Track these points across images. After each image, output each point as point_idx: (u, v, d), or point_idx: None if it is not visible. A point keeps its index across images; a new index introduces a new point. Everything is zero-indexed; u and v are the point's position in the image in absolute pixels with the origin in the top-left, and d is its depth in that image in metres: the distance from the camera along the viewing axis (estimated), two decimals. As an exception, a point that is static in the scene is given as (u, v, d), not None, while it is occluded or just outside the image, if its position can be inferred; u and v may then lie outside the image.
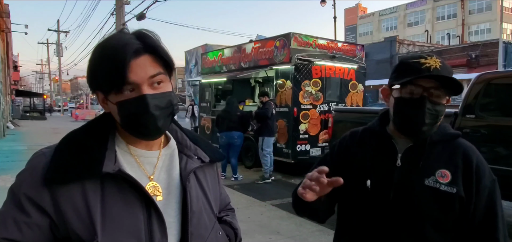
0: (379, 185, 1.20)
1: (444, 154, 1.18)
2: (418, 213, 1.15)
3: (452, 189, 1.13)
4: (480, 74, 4.76)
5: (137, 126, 0.83)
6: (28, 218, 0.80)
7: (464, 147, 1.19)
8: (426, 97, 1.12)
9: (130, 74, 0.80)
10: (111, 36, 0.86)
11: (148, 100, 0.81)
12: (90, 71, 0.85)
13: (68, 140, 0.86)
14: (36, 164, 0.83)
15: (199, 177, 0.98)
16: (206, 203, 0.97)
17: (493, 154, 4.32)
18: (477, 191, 1.14)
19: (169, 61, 0.87)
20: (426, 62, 1.12)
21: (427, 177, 1.15)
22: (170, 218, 0.89)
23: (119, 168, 0.83)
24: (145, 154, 0.91)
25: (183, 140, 1.00)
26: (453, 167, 1.15)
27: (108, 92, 0.83)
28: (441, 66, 1.12)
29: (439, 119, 1.15)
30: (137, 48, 0.82)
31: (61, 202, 0.80)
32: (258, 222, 4.74)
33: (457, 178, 1.14)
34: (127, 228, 0.81)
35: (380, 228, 1.19)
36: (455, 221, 1.15)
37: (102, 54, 0.83)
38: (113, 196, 0.82)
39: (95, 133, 0.87)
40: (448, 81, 1.11)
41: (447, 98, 1.17)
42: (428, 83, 1.12)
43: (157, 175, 0.91)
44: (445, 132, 1.22)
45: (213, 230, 0.97)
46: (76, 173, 0.80)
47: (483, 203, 1.14)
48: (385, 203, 1.18)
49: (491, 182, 1.17)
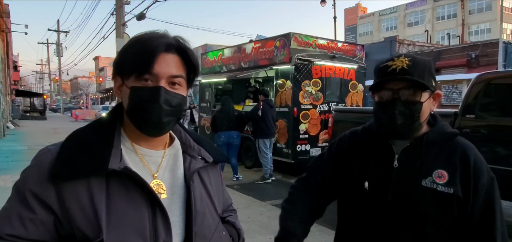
0: (377, 186, 1.20)
1: (442, 154, 1.17)
2: (416, 214, 1.14)
3: (449, 190, 1.12)
4: (480, 74, 4.76)
5: (142, 113, 0.85)
6: (33, 214, 0.80)
7: (462, 146, 1.18)
8: (396, 99, 1.13)
9: (156, 65, 0.84)
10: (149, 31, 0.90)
11: (162, 92, 0.84)
12: (120, 55, 0.89)
13: (75, 136, 0.87)
14: (42, 160, 0.84)
15: (203, 177, 0.99)
16: (210, 203, 0.98)
17: (493, 154, 4.32)
18: (475, 190, 1.13)
19: (196, 67, 0.91)
20: (393, 65, 1.13)
21: (424, 178, 1.15)
22: (174, 218, 0.89)
23: (125, 165, 0.84)
24: (150, 153, 0.92)
25: (187, 140, 1.01)
26: (450, 167, 1.14)
27: (128, 75, 0.86)
28: (409, 65, 1.12)
29: (417, 117, 1.14)
30: (171, 43, 0.86)
31: (66, 198, 0.80)
32: (258, 222, 4.74)
33: (455, 178, 1.13)
34: (132, 225, 0.82)
35: (379, 229, 1.18)
36: (453, 221, 1.14)
37: (136, 41, 0.87)
38: (118, 194, 0.83)
39: (102, 131, 0.88)
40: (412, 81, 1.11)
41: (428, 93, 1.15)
42: (397, 85, 1.13)
43: (161, 174, 0.92)
44: (443, 131, 1.21)
45: (216, 230, 0.98)
46: (82, 170, 0.81)
47: (481, 202, 1.14)
48: (383, 204, 1.18)
49: (489, 180, 1.16)
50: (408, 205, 1.15)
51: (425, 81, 1.12)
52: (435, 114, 1.25)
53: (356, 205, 1.25)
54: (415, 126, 1.16)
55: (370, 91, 1.22)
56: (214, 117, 7.44)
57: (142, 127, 0.88)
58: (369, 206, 1.21)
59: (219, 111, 7.39)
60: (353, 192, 1.25)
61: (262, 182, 7.20)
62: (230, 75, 9.57)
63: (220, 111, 7.33)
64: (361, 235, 1.24)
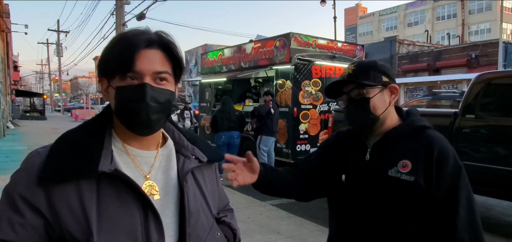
0: (352, 178, 1.32)
1: (409, 146, 1.25)
2: (385, 202, 1.24)
3: (410, 178, 1.20)
4: (480, 74, 4.76)
5: (130, 114, 0.83)
6: (22, 219, 0.79)
7: (429, 138, 1.25)
8: (349, 100, 1.30)
9: (138, 62, 0.82)
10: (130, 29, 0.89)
11: (147, 89, 0.82)
12: (102, 56, 0.87)
13: (64, 139, 0.86)
14: (31, 163, 0.82)
15: (197, 177, 0.98)
16: (204, 203, 0.97)
17: (493, 154, 4.32)
18: (438, 178, 1.19)
19: (179, 61, 0.89)
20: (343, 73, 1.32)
21: (390, 168, 1.24)
22: (168, 219, 0.88)
23: (115, 167, 0.83)
24: (142, 154, 0.90)
25: (180, 140, 0.99)
26: (414, 157, 1.22)
27: (113, 76, 0.84)
28: (353, 69, 1.29)
29: (371, 110, 1.27)
30: (152, 39, 0.84)
31: (56, 202, 0.79)
32: (258, 222, 4.74)
33: (417, 167, 1.20)
34: (123, 228, 0.80)
35: (357, 215, 1.29)
36: (418, 207, 1.21)
37: (117, 40, 0.85)
38: (109, 196, 0.81)
39: (92, 132, 0.87)
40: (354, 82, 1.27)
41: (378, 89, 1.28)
42: (347, 88, 1.30)
43: (154, 174, 0.90)
44: (412, 125, 1.29)
45: (211, 231, 0.96)
46: (72, 172, 0.79)
47: (444, 190, 1.19)
48: (358, 195, 1.29)
49: (455, 169, 1.20)
50: (378, 194, 1.25)
51: (370, 79, 1.27)
52: (410, 110, 1.37)
53: (337, 197, 1.38)
54: (371, 119, 1.27)
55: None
56: (214, 117, 7.41)
57: (132, 127, 0.86)
58: (347, 197, 1.33)
59: (219, 111, 7.36)
60: (334, 185, 1.38)
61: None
62: (230, 75, 9.56)
63: (221, 111, 7.31)
64: (344, 223, 1.35)
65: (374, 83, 1.27)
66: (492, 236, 4.50)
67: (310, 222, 4.64)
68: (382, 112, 1.28)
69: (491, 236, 4.48)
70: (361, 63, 1.33)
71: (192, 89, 21.55)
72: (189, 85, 23.13)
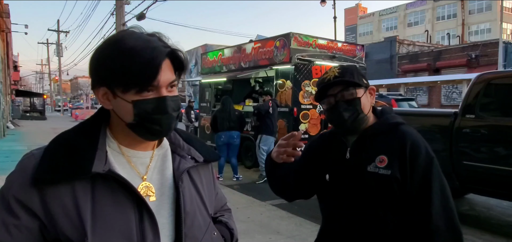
0: (335, 177, 1.40)
1: (385, 142, 1.33)
2: (365, 196, 1.31)
3: (387, 172, 1.27)
4: (480, 74, 4.76)
5: (152, 125, 0.84)
6: (17, 221, 0.79)
7: (403, 133, 1.33)
8: (338, 101, 1.34)
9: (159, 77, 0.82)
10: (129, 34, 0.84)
11: (168, 102, 0.84)
12: (101, 64, 0.83)
13: (58, 140, 0.86)
14: (26, 165, 0.82)
15: (193, 177, 0.98)
16: (201, 203, 0.97)
17: (493, 154, 4.32)
18: (412, 170, 1.27)
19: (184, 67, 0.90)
20: (327, 76, 1.37)
21: (369, 164, 1.31)
22: (163, 219, 0.88)
23: (109, 168, 0.83)
24: (137, 155, 0.90)
25: (176, 140, 0.99)
26: (390, 152, 1.30)
27: (125, 89, 0.81)
28: (339, 72, 1.35)
29: (360, 110, 1.34)
30: (166, 51, 0.84)
31: (51, 203, 0.79)
32: (258, 222, 4.74)
33: (393, 161, 1.28)
34: (118, 229, 0.80)
35: (342, 211, 1.37)
36: (397, 200, 1.28)
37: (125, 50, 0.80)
38: (104, 197, 0.81)
39: (86, 134, 0.86)
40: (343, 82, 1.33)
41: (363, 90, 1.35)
42: (336, 90, 1.35)
43: (150, 175, 0.90)
44: (387, 122, 1.38)
45: (207, 231, 0.96)
46: (65, 173, 0.79)
47: (418, 180, 1.26)
48: (341, 192, 1.37)
49: (427, 161, 1.28)
50: (359, 189, 1.32)
51: (355, 79, 1.34)
52: (383, 109, 1.45)
53: (323, 195, 1.46)
54: (360, 118, 1.35)
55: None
56: (214, 117, 7.40)
57: (150, 137, 0.88)
58: (331, 195, 1.41)
59: (219, 111, 7.36)
60: (319, 184, 1.45)
61: (262, 182, 7.20)
62: (230, 75, 9.56)
63: (221, 111, 7.31)
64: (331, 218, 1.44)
65: (361, 84, 1.35)
66: (492, 236, 4.50)
67: (310, 222, 4.64)
68: (368, 112, 1.38)
69: (492, 236, 4.49)
70: (345, 67, 1.39)
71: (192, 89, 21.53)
72: (189, 85, 23.11)
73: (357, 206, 1.32)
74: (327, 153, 1.45)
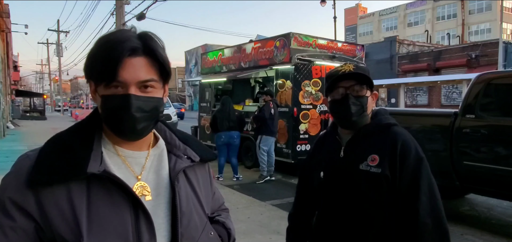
0: (329, 174, 1.45)
1: (378, 142, 1.38)
2: (357, 194, 1.37)
3: (378, 170, 1.33)
4: (480, 74, 4.76)
5: (116, 123, 0.83)
6: (13, 222, 0.78)
7: (394, 133, 1.39)
8: (348, 94, 1.37)
9: (122, 72, 0.80)
10: (116, 31, 0.87)
11: (132, 100, 0.81)
12: (88, 59, 0.85)
13: (53, 141, 0.85)
14: (21, 166, 0.82)
15: (190, 177, 0.97)
16: (197, 203, 0.96)
17: (493, 154, 4.32)
18: (401, 169, 1.32)
19: (166, 68, 0.87)
20: (342, 69, 1.39)
21: (361, 163, 1.37)
22: (160, 219, 0.88)
23: (104, 169, 0.82)
24: (133, 155, 0.90)
25: (172, 140, 0.99)
26: (381, 151, 1.35)
27: (98, 83, 0.83)
28: (355, 68, 1.38)
29: (365, 108, 1.39)
30: (135, 47, 0.82)
31: (46, 204, 0.78)
32: (258, 222, 4.74)
33: (384, 160, 1.34)
34: (114, 229, 0.80)
35: (334, 208, 1.44)
36: (386, 197, 1.34)
37: (102, 44, 0.83)
38: (99, 198, 0.81)
39: (81, 134, 0.86)
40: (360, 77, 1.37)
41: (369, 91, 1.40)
42: (347, 83, 1.38)
43: (146, 175, 0.90)
44: (379, 123, 1.43)
45: (204, 231, 0.96)
46: (60, 174, 0.79)
47: (407, 179, 1.32)
48: (334, 189, 1.43)
49: (416, 160, 1.33)
50: (351, 187, 1.38)
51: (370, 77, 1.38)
52: (378, 110, 1.51)
53: (318, 192, 1.51)
54: (363, 116, 1.40)
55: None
56: (214, 117, 7.41)
57: (119, 134, 0.86)
58: (325, 192, 1.47)
59: (219, 111, 7.36)
60: (315, 182, 1.51)
61: (262, 182, 7.20)
62: (230, 75, 9.55)
63: (220, 111, 7.31)
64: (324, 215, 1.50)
65: (372, 85, 1.41)
66: (492, 236, 4.50)
67: (310, 222, 4.64)
68: (369, 113, 1.44)
69: (492, 236, 4.48)
70: (360, 65, 1.43)
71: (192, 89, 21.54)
72: (189, 85, 23.12)
73: (349, 203, 1.39)
74: (321, 151, 1.52)
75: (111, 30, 0.88)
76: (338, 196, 1.42)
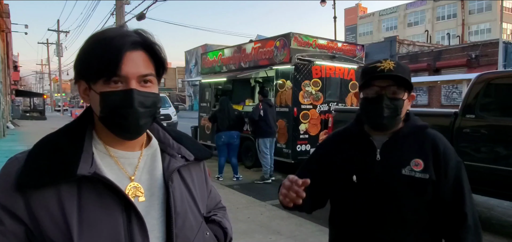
0: (364, 178, 1.35)
1: (416, 144, 1.34)
2: (397, 199, 1.31)
3: (425, 175, 1.29)
4: (480, 74, 4.76)
5: (117, 120, 0.81)
6: (2, 227, 0.77)
7: (432, 136, 1.36)
8: (383, 94, 1.29)
9: (123, 66, 0.79)
10: (108, 28, 0.85)
11: (134, 95, 0.80)
12: (80, 58, 0.83)
13: (42, 143, 0.84)
14: (9, 170, 0.80)
15: (184, 176, 0.96)
16: (192, 203, 0.94)
17: (493, 154, 4.32)
18: (445, 173, 1.30)
19: (163, 62, 0.87)
20: (381, 66, 1.30)
21: (403, 167, 1.31)
22: (153, 220, 0.86)
23: (94, 170, 0.80)
24: (125, 155, 0.88)
25: (165, 139, 0.97)
26: (424, 156, 1.31)
27: (95, 80, 0.81)
28: (395, 67, 1.28)
29: (399, 111, 1.31)
30: (135, 41, 0.82)
31: (36, 208, 0.77)
32: (258, 222, 4.74)
33: (429, 164, 1.30)
34: (105, 232, 0.79)
35: (367, 215, 1.34)
36: (428, 202, 1.31)
37: (97, 41, 0.81)
38: (90, 200, 0.79)
39: (71, 135, 0.84)
40: (398, 79, 1.28)
41: (407, 94, 1.32)
42: (384, 83, 1.29)
43: (139, 175, 0.88)
44: (415, 124, 1.38)
45: (199, 231, 0.94)
46: (50, 177, 0.77)
47: (451, 183, 1.31)
48: (370, 193, 1.34)
49: (457, 163, 1.33)
50: (391, 192, 1.31)
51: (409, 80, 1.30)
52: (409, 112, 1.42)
53: (347, 196, 1.40)
54: (396, 119, 1.33)
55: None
56: (214, 115, 7.44)
57: (119, 133, 0.84)
58: (358, 196, 1.36)
59: (219, 111, 7.39)
60: (343, 185, 1.40)
61: (261, 182, 7.20)
62: (230, 75, 9.56)
63: (220, 111, 7.33)
64: (353, 222, 1.39)
65: (411, 88, 1.33)
66: (493, 236, 4.49)
67: (310, 222, 4.63)
68: (403, 116, 1.36)
69: (493, 237, 4.48)
70: (401, 64, 1.32)
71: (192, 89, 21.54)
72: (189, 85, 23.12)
73: (386, 208, 1.32)
74: (351, 152, 1.40)
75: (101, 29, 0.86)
76: (374, 202, 1.33)
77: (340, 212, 1.45)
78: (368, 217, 1.34)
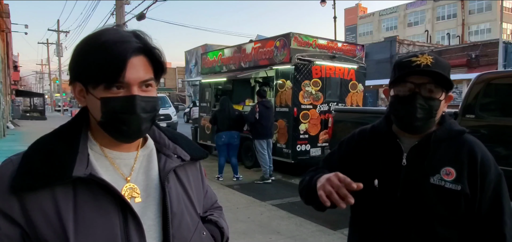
0: (386, 184, 1.22)
1: (450, 151, 1.19)
2: (424, 211, 1.16)
3: (456, 187, 1.14)
4: (480, 74, 4.76)
5: (119, 125, 0.81)
6: None
7: (470, 143, 1.20)
8: (417, 93, 1.13)
9: (126, 73, 0.79)
10: (107, 30, 0.84)
11: (137, 101, 0.80)
12: (77, 60, 0.82)
13: (37, 145, 0.83)
14: (4, 172, 0.79)
15: (180, 176, 0.96)
16: (188, 203, 0.95)
17: (493, 154, 4.29)
18: (482, 187, 1.15)
19: (162, 66, 0.87)
20: (417, 60, 1.14)
21: (432, 175, 1.17)
22: (150, 221, 0.86)
23: (90, 172, 0.80)
24: (121, 156, 0.88)
25: (161, 139, 0.97)
26: (458, 164, 1.16)
27: (94, 85, 0.80)
28: (433, 63, 1.13)
29: (434, 113, 1.16)
30: (138, 47, 0.81)
31: (31, 210, 0.76)
32: (258, 222, 4.74)
33: (462, 175, 1.15)
34: (102, 234, 0.78)
35: (389, 225, 1.20)
36: (461, 216, 1.16)
37: (98, 46, 0.80)
38: (86, 202, 0.79)
39: (66, 137, 0.84)
40: (437, 76, 1.13)
41: (445, 94, 1.17)
42: (419, 80, 1.14)
43: (135, 176, 0.88)
44: (451, 129, 1.22)
45: (196, 231, 0.94)
46: (45, 179, 0.77)
47: (488, 198, 1.15)
48: (393, 201, 1.20)
49: (497, 176, 1.17)
50: (417, 202, 1.17)
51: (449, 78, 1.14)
52: (444, 114, 1.26)
53: (367, 202, 1.25)
54: (430, 122, 1.17)
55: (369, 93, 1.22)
56: (214, 115, 7.45)
57: (119, 137, 0.84)
58: (379, 203, 1.23)
59: (219, 111, 7.40)
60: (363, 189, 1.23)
61: (261, 182, 7.20)
62: (230, 75, 9.55)
63: (221, 110, 7.34)
64: (373, 230, 1.25)
65: (450, 87, 1.17)
66: (492, 236, 4.49)
67: (310, 222, 4.64)
68: (438, 118, 1.21)
69: (491, 236, 4.48)
70: (440, 59, 1.17)
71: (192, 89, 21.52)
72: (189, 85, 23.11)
73: (412, 220, 1.17)
74: (375, 154, 1.27)
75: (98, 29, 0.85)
76: (397, 211, 1.19)
77: (361, 218, 1.32)
78: (390, 228, 1.20)
